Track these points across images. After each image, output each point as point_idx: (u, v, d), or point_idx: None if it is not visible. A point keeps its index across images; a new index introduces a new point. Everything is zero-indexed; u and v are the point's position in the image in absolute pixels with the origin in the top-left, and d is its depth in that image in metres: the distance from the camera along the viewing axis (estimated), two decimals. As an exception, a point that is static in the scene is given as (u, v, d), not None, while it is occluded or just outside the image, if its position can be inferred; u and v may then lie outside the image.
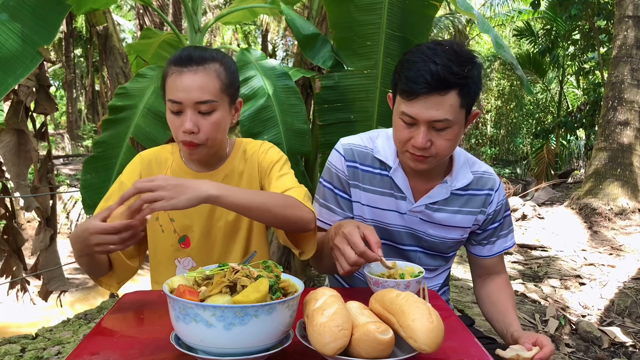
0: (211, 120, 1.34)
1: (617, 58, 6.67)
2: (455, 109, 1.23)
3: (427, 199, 1.42)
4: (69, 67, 16.29)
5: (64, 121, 20.28)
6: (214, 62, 1.35)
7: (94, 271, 1.33)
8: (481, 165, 1.49)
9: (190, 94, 1.30)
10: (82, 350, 0.95)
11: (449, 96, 1.21)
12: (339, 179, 1.48)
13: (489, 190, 1.46)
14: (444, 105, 1.21)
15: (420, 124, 1.24)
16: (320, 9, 3.42)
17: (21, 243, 4.09)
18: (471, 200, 1.44)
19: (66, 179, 12.34)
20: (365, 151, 1.46)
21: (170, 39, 3.85)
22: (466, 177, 1.43)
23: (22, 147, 3.75)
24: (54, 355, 2.88)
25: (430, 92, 1.20)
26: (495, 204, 1.46)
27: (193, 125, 1.31)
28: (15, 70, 1.99)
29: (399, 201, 1.44)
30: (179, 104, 1.32)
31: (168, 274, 1.45)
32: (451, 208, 1.44)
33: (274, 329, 0.87)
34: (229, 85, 1.38)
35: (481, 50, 19.88)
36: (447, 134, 1.26)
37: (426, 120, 1.23)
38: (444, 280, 1.63)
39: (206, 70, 1.32)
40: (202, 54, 1.34)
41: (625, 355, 2.89)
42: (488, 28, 3.10)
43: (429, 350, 0.85)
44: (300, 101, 2.90)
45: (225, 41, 21.78)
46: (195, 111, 1.32)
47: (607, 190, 6.41)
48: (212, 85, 1.32)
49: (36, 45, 2.06)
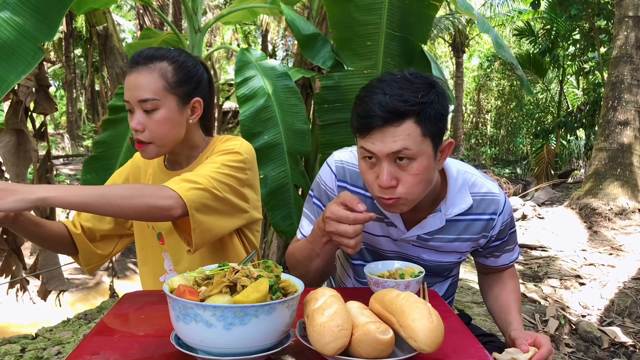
0: (155, 118, 1.35)
1: (617, 58, 6.67)
2: (416, 139, 1.12)
3: (419, 230, 1.32)
4: (69, 67, 16.28)
5: (64, 121, 20.29)
6: (162, 60, 1.36)
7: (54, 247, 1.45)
8: (483, 185, 1.34)
9: (133, 92, 1.34)
10: (82, 350, 0.95)
11: (404, 126, 1.12)
12: (327, 196, 1.39)
13: (491, 214, 1.33)
14: (400, 135, 1.12)
15: (381, 160, 1.15)
16: (320, 9, 3.42)
17: (20, 243, 4.10)
18: (471, 226, 1.33)
19: (66, 179, 12.33)
20: (357, 171, 1.33)
21: (170, 39, 3.85)
22: (465, 202, 1.31)
23: (22, 147, 3.76)
24: (54, 355, 2.88)
25: (384, 125, 1.12)
26: (499, 226, 1.35)
27: (137, 123, 1.35)
28: (17, 67, 1.99)
29: (389, 228, 1.35)
30: (128, 103, 1.36)
31: (155, 264, 1.52)
32: (448, 236, 1.33)
33: (274, 329, 0.87)
34: (176, 84, 1.37)
35: (481, 50, 19.89)
36: (413, 169, 1.15)
37: (385, 154, 1.13)
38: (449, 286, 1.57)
39: (149, 70, 1.35)
40: (151, 54, 1.37)
41: (625, 355, 2.89)
42: (488, 28, 3.11)
43: (429, 350, 0.85)
44: (300, 101, 2.91)
45: (225, 41, 21.78)
46: (141, 110, 1.35)
47: (607, 190, 6.41)
48: (153, 83, 1.34)
49: (37, 42, 2.06)
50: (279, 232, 2.93)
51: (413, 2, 2.65)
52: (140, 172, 1.55)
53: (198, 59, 1.46)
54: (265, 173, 2.76)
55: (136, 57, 1.37)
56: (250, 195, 1.42)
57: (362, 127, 1.15)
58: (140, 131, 1.35)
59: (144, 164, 1.56)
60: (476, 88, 20.21)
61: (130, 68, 1.36)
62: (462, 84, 16.78)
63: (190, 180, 1.25)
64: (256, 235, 1.54)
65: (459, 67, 16.79)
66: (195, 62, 1.43)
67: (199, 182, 1.26)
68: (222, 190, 1.30)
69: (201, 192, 1.25)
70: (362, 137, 1.17)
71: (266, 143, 2.78)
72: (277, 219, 2.84)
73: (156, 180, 1.51)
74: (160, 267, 1.52)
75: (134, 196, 1.17)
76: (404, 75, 1.17)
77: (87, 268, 1.49)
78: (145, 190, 1.21)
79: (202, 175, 1.28)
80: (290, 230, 2.88)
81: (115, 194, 1.17)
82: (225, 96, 18.96)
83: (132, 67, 1.36)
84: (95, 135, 14.57)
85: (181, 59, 1.39)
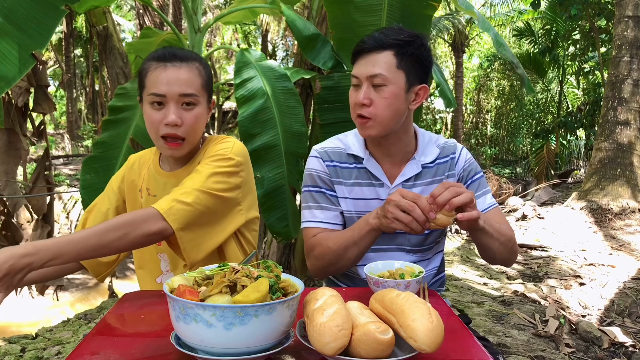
0: (193, 113, 1.36)
1: (617, 58, 6.67)
2: (391, 68, 1.40)
3: (401, 178, 1.53)
4: (69, 67, 16.29)
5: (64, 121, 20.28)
6: (195, 60, 1.39)
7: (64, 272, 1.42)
8: (444, 139, 1.62)
9: (175, 87, 1.33)
10: (82, 350, 0.95)
11: (384, 54, 1.40)
12: (322, 179, 1.54)
13: (452, 154, 1.57)
14: (379, 62, 1.40)
15: (362, 81, 1.42)
16: (320, 9, 3.42)
17: (19, 239, 4.15)
18: (440, 168, 1.56)
19: (66, 179, 12.34)
20: (338, 150, 1.56)
21: (171, 39, 3.86)
22: (433, 151, 1.55)
23: (12, 145, 3.79)
24: (54, 355, 2.88)
25: (370, 52, 1.41)
26: (462, 163, 1.57)
27: (177, 117, 1.33)
28: (7, 74, 1.97)
29: (377, 189, 1.53)
30: (162, 97, 1.34)
31: (152, 265, 1.52)
32: (424, 180, 1.54)
33: (274, 329, 0.87)
34: (208, 83, 1.41)
35: (481, 50, 19.89)
36: (385, 93, 1.40)
37: (365, 77, 1.41)
38: (440, 265, 1.66)
39: (189, 66, 1.36)
40: (184, 53, 1.39)
41: (625, 355, 2.89)
42: (488, 27, 3.11)
43: (429, 350, 0.85)
44: (298, 103, 2.91)
45: (225, 41, 21.78)
46: (178, 104, 1.34)
47: (607, 190, 6.41)
48: (195, 80, 1.36)
49: (29, 49, 2.04)
50: (273, 233, 2.93)
51: (412, 2, 2.65)
52: (134, 174, 1.54)
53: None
54: (261, 174, 2.76)
55: (171, 53, 1.36)
56: (245, 196, 1.42)
57: (355, 53, 1.45)
58: (178, 125, 1.34)
59: (138, 166, 1.54)
60: (476, 88, 20.20)
61: (165, 62, 1.34)
62: (462, 84, 16.75)
63: (176, 200, 1.25)
64: (254, 235, 1.54)
65: (459, 67, 16.77)
66: (209, 66, 1.47)
67: (185, 200, 1.26)
68: (210, 203, 1.30)
69: (187, 210, 1.25)
70: (354, 65, 1.46)
71: (264, 144, 2.78)
72: (273, 220, 2.84)
73: (151, 181, 1.50)
74: (157, 268, 1.52)
75: (127, 233, 1.17)
76: (399, 25, 1.47)
77: (99, 277, 1.49)
78: (135, 221, 1.20)
79: (189, 191, 1.28)
80: (285, 232, 2.88)
81: (109, 239, 1.15)
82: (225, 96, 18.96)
83: (168, 62, 1.34)
84: (95, 135, 14.58)
85: (205, 62, 1.43)
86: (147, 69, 1.37)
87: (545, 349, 2.86)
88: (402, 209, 1.22)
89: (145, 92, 1.37)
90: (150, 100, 1.35)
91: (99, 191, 2.80)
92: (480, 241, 1.40)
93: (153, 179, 1.49)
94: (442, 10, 15.15)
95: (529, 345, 2.87)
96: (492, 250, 1.42)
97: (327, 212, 1.52)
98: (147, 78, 1.37)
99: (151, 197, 1.48)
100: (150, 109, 1.36)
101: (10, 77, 1.99)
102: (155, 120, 1.35)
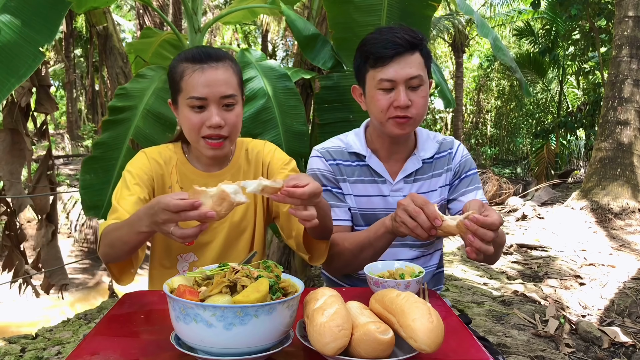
0: (235, 113, 1.36)
1: (617, 58, 6.67)
2: (423, 68, 1.43)
3: (402, 174, 1.55)
4: (69, 67, 16.29)
5: (64, 121, 20.28)
6: (228, 59, 1.37)
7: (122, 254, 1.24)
8: (441, 135, 1.66)
9: (216, 88, 1.31)
10: (82, 350, 0.95)
11: (416, 55, 1.41)
12: (327, 177, 1.56)
13: (449, 149, 1.62)
14: (414, 63, 1.41)
15: (399, 84, 1.40)
16: (320, 9, 3.43)
17: (22, 239, 4.17)
18: (439, 162, 1.60)
19: (66, 179, 12.34)
20: (339, 149, 1.58)
21: (171, 39, 3.86)
22: (432, 147, 1.60)
23: (16, 145, 3.81)
24: (54, 355, 2.88)
25: (403, 53, 1.39)
26: (458, 158, 1.61)
27: (220, 119, 1.32)
28: (18, 70, 1.98)
29: (380, 185, 1.56)
30: (203, 100, 1.32)
31: (168, 264, 1.47)
32: (426, 175, 1.58)
33: (274, 329, 0.87)
34: (241, 81, 1.41)
35: (481, 50, 19.89)
36: (422, 92, 1.43)
37: (404, 79, 1.40)
38: (438, 262, 1.68)
39: (225, 66, 1.34)
40: (218, 52, 1.37)
41: (625, 355, 2.89)
42: (487, 31, 3.11)
43: (429, 350, 0.85)
44: (299, 103, 2.91)
45: (225, 41, 21.78)
46: (220, 106, 1.33)
47: (607, 190, 6.41)
48: (233, 79, 1.36)
49: (38, 45, 2.06)
50: (274, 232, 2.93)
51: (412, 2, 2.66)
52: (161, 169, 1.45)
53: None
54: (263, 174, 2.76)
55: (205, 53, 1.34)
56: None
57: (383, 56, 1.40)
58: (222, 127, 1.33)
59: (164, 162, 1.46)
60: (476, 88, 20.20)
61: (201, 64, 1.32)
62: (462, 84, 16.76)
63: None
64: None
65: (459, 67, 16.77)
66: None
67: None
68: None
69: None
70: (380, 68, 1.41)
71: (265, 144, 2.78)
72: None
73: (184, 180, 1.44)
74: (173, 267, 1.48)
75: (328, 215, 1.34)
76: (400, 25, 1.47)
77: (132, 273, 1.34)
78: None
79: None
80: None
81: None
82: (226, 96, 18.84)
83: (204, 64, 1.32)
84: (95, 135, 14.58)
85: (234, 59, 1.41)
86: (182, 72, 1.34)
87: (545, 349, 2.86)
88: (409, 214, 1.22)
89: (183, 95, 1.34)
90: (190, 104, 1.33)
91: (99, 191, 2.82)
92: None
93: (186, 178, 1.46)
94: (442, 10, 15.15)
95: (529, 345, 2.87)
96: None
97: (336, 209, 1.53)
98: (183, 81, 1.34)
99: None
100: (190, 112, 1.34)
101: (21, 73, 2.00)
102: (197, 123, 1.33)
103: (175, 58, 1.39)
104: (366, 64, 1.45)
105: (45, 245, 4.18)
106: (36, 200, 4.11)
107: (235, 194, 1.00)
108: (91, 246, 10.26)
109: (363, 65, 1.47)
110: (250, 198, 1.46)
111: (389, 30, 1.43)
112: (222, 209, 0.99)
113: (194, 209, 0.96)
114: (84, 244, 10.82)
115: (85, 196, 2.83)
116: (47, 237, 4.14)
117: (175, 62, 1.37)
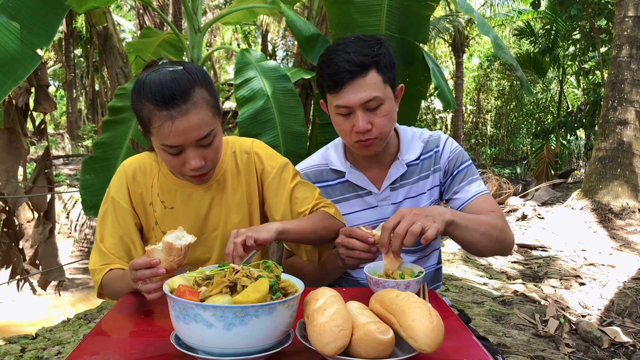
0: (214, 147, 1.28)
1: (617, 58, 6.67)
2: (380, 86, 1.35)
3: (387, 181, 1.52)
4: (69, 67, 16.30)
5: (64, 121, 20.29)
6: (195, 87, 1.22)
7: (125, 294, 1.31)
8: (428, 132, 1.59)
9: (190, 134, 1.21)
10: (82, 350, 0.95)
11: (370, 75, 1.33)
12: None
13: (435, 148, 1.55)
14: (369, 84, 1.33)
15: (355, 109, 1.35)
16: (320, 9, 3.43)
17: (20, 236, 4.19)
18: (425, 164, 1.54)
19: (66, 179, 12.34)
20: (319, 169, 1.57)
21: (171, 39, 3.86)
22: (417, 147, 1.54)
23: (12, 144, 3.83)
24: (54, 355, 2.88)
25: (353, 78, 1.33)
26: (447, 154, 1.54)
27: (200, 159, 1.25)
28: (14, 72, 1.98)
29: (365, 198, 1.53)
30: (179, 147, 1.24)
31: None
32: (412, 179, 1.53)
33: (274, 329, 0.87)
34: (215, 103, 1.28)
35: (481, 50, 19.89)
36: (382, 111, 1.37)
37: (359, 104, 1.34)
38: (437, 261, 1.66)
39: (195, 106, 1.21)
40: (182, 88, 1.19)
41: (625, 355, 2.89)
42: (488, 30, 3.11)
43: (429, 350, 0.85)
44: (298, 104, 2.91)
45: (225, 41, 21.78)
46: (197, 147, 1.25)
47: (607, 190, 6.41)
48: (206, 116, 1.23)
49: (35, 47, 2.06)
50: None
51: (411, 3, 2.66)
52: (139, 186, 1.41)
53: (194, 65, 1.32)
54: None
55: (170, 96, 1.18)
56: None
57: (335, 83, 1.35)
58: (202, 166, 1.27)
59: (141, 177, 1.42)
60: (476, 88, 20.21)
61: (169, 111, 1.18)
62: (462, 84, 16.76)
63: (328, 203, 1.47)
64: None
65: (459, 67, 16.78)
66: (205, 71, 1.32)
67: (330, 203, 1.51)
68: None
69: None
70: (335, 94, 1.37)
71: (264, 145, 2.79)
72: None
73: (166, 194, 1.40)
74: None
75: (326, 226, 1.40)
76: (357, 36, 1.39)
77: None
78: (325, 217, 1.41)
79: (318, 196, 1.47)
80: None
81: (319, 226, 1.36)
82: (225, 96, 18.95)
83: (172, 110, 1.18)
84: (95, 135, 14.58)
85: (202, 75, 1.26)
86: (149, 116, 1.21)
87: (545, 349, 2.86)
88: (347, 249, 1.29)
89: (155, 139, 1.25)
90: (166, 150, 1.25)
91: (98, 191, 2.82)
92: (455, 235, 1.33)
93: (168, 192, 1.41)
94: (442, 10, 15.16)
95: (529, 345, 2.87)
96: (472, 242, 1.36)
97: None
98: (152, 126, 1.22)
99: (168, 209, 1.40)
100: (166, 154, 1.26)
101: (17, 75, 2.00)
102: (176, 165, 1.27)
103: (136, 93, 1.23)
104: (323, 88, 1.41)
105: (43, 243, 4.21)
106: (33, 198, 4.13)
107: (179, 239, 1.11)
108: (91, 246, 10.27)
109: (321, 88, 1.43)
110: (241, 213, 1.43)
111: (342, 48, 1.34)
112: (173, 257, 1.10)
113: (150, 267, 1.09)
114: (84, 243, 10.83)
115: (86, 196, 2.84)
116: (44, 235, 4.17)
117: (138, 102, 1.23)
